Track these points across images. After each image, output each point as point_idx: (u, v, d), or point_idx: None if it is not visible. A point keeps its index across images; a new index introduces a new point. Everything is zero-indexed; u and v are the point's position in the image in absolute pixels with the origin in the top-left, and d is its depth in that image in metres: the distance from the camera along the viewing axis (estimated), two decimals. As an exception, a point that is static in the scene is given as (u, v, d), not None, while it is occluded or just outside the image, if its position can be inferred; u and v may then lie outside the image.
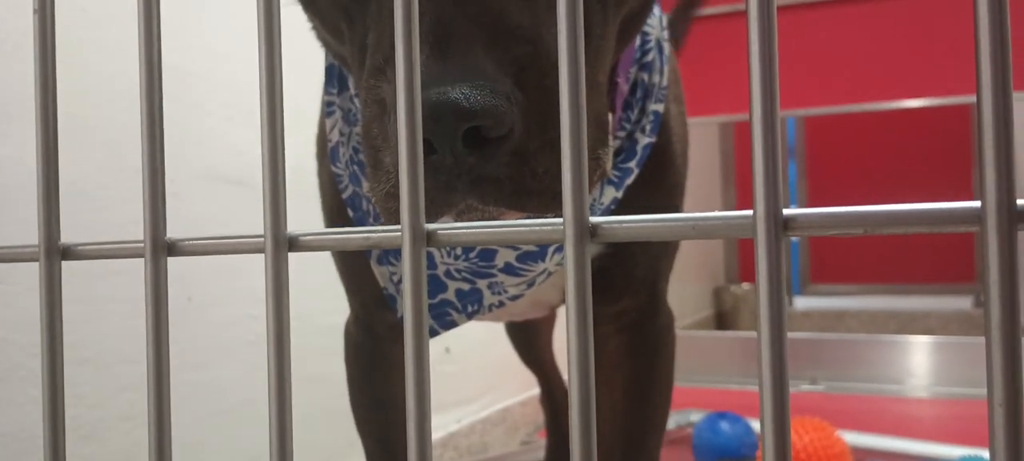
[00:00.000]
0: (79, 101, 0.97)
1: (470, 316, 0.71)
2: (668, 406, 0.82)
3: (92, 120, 0.99)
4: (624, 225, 0.22)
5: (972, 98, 2.08)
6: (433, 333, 0.71)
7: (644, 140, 0.67)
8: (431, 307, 0.69)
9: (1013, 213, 0.17)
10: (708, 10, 2.17)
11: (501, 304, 0.70)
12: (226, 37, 1.18)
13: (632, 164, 0.66)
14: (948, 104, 2.16)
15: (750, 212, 0.20)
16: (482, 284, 0.68)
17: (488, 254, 0.66)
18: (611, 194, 0.66)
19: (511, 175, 0.42)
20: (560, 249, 0.65)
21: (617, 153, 0.66)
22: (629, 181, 0.66)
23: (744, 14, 0.21)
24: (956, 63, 2.03)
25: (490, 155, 0.41)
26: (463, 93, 0.39)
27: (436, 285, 0.69)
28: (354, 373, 0.84)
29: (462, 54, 0.41)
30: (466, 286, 0.69)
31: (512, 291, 0.69)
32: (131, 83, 1.03)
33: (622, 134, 0.67)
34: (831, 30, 2.15)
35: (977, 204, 0.18)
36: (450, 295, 0.70)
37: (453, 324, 0.72)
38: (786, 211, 0.20)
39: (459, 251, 0.66)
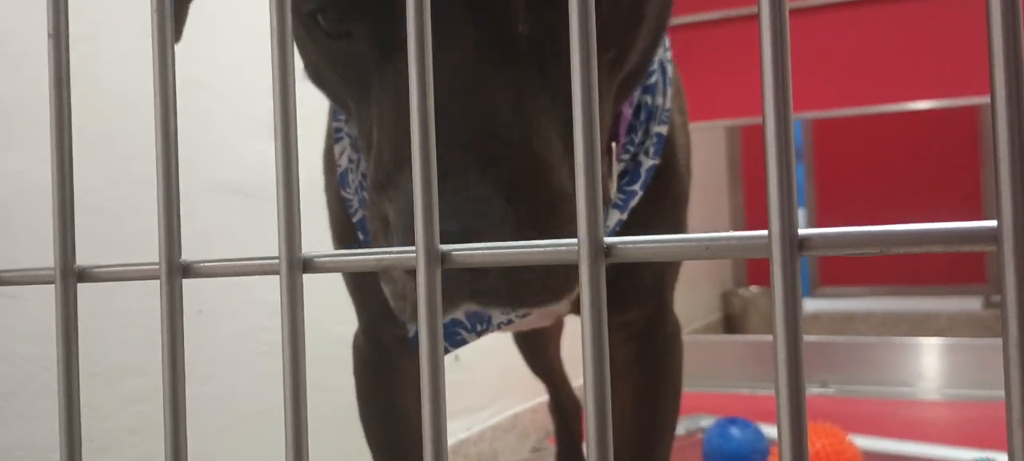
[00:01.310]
0: (87, 114, 0.97)
1: (479, 334, 0.72)
2: (677, 414, 0.82)
3: (100, 133, 0.99)
4: (638, 245, 0.22)
5: (980, 99, 2.08)
6: (444, 351, 0.71)
7: (648, 162, 0.68)
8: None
9: (1029, 232, 0.17)
10: (715, 14, 2.17)
11: (510, 321, 0.71)
12: (235, 49, 1.18)
13: (636, 186, 0.67)
14: (956, 106, 2.16)
15: (764, 232, 0.20)
16: None
17: None
18: (615, 217, 0.66)
19: (507, 284, 0.44)
20: None
21: (621, 175, 0.67)
22: (633, 203, 0.67)
23: (750, 18, 0.21)
24: (964, 64, 2.03)
25: (485, 273, 0.43)
26: (458, 225, 0.40)
27: None
28: (363, 385, 0.84)
29: (455, 179, 0.42)
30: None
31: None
32: (138, 96, 1.04)
33: (626, 157, 0.67)
34: (839, 32, 2.15)
35: (993, 224, 0.18)
36: (460, 314, 0.70)
37: (463, 342, 0.72)
38: (801, 231, 0.20)
39: None
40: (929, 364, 2.07)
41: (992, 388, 1.91)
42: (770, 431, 1.33)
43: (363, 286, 0.76)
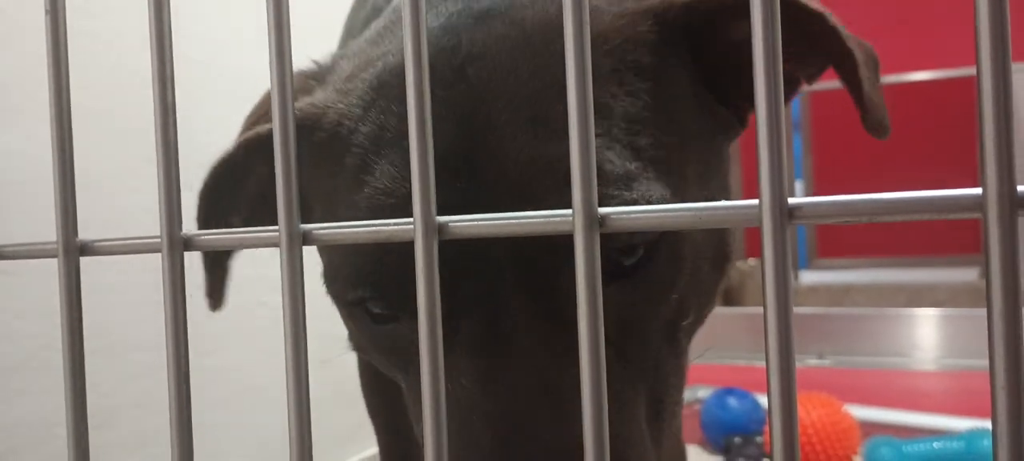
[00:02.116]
0: (82, 92, 0.97)
1: None
2: (682, 390, 0.83)
3: (96, 111, 0.99)
4: (631, 215, 0.23)
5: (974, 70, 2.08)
6: None
7: None
8: None
9: (1014, 199, 0.18)
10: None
11: None
12: (231, 24, 1.18)
13: None
14: (953, 76, 2.16)
15: (755, 202, 0.21)
16: None
17: None
18: None
19: None
20: None
21: None
22: None
23: None
24: (962, 35, 2.02)
25: None
26: None
27: None
28: (364, 358, 0.85)
29: None
30: None
31: None
32: (134, 73, 1.03)
33: None
34: (837, 3, 2.14)
35: (978, 191, 0.18)
36: None
37: None
38: (791, 200, 0.20)
39: None
40: (925, 335, 2.08)
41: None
42: (767, 401, 1.34)
43: None
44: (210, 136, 1.14)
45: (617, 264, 0.44)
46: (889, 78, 2.16)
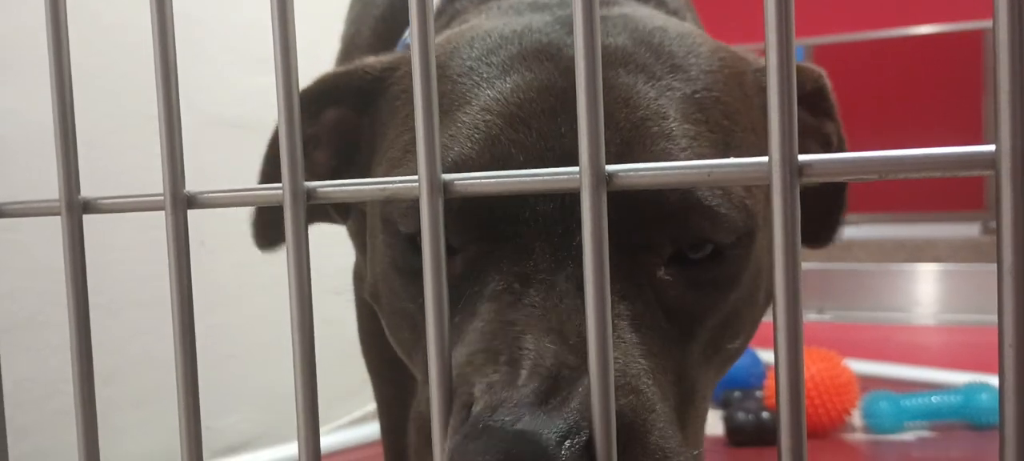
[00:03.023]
0: (82, 50, 0.96)
1: None
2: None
3: (94, 69, 0.99)
4: (639, 173, 0.22)
5: (983, 24, 2.05)
6: None
7: None
8: None
9: (1027, 156, 0.17)
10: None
11: None
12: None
13: None
14: (959, 30, 2.14)
15: (765, 159, 0.20)
16: None
17: None
18: None
19: None
20: None
21: None
22: None
23: (756, -47, 0.21)
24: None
25: None
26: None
27: None
28: (364, 316, 0.85)
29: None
30: None
31: None
32: (133, 32, 1.02)
33: None
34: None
35: (991, 148, 0.18)
36: None
37: None
38: (802, 157, 0.20)
39: None
40: (925, 290, 2.09)
41: (987, 313, 1.93)
42: (766, 355, 1.35)
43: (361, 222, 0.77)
44: (207, 94, 1.13)
45: (683, 254, 0.46)
46: (895, 31, 2.14)
